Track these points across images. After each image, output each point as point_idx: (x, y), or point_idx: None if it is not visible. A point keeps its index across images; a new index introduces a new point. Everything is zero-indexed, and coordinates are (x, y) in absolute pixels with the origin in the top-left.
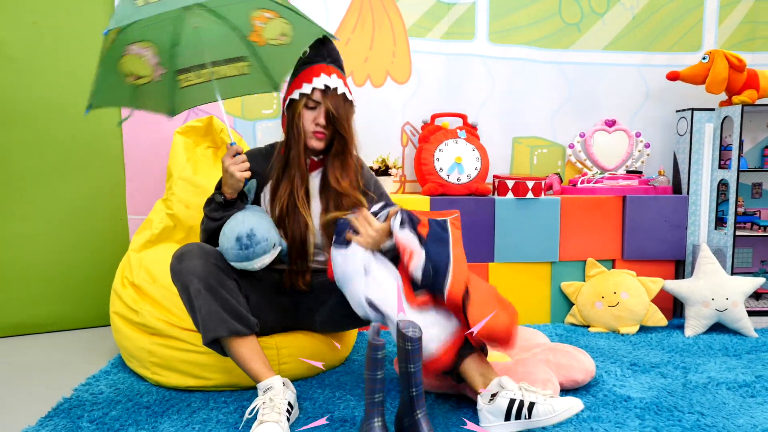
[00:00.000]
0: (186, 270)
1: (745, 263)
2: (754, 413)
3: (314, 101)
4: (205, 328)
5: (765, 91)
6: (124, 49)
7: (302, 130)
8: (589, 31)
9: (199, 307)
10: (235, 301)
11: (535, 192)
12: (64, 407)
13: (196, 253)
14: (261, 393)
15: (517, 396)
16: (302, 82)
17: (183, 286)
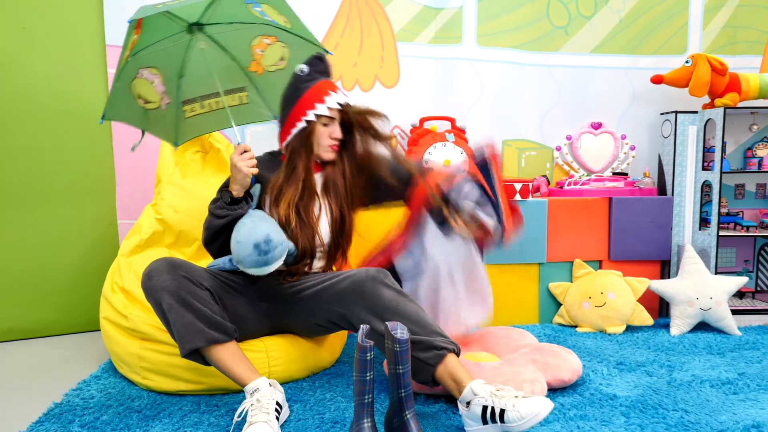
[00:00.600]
0: (156, 286)
1: (728, 263)
2: (736, 410)
3: (329, 118)
4: (182, 340)
5: (746, 94)
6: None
7: (317, 145)
8: (577, 34)
9: (173, 320)
10: (209, 310)
11: (522, 194)
12: (55, 412)
13: (164, 268)
14: (248, 395)
15: (488, 403)
16: (313, 102)
17: (155, 302)
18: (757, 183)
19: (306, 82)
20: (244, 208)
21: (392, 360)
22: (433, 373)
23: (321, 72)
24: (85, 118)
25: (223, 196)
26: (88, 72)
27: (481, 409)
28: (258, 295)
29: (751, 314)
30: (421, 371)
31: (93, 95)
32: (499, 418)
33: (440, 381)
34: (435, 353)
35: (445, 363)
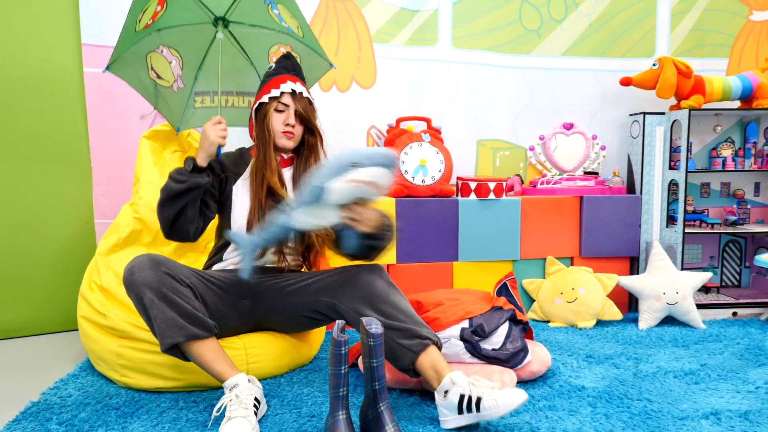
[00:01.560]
0: (138, 281)
1: (695, 259)
2: (697, 398)
3: (283, 104)
4: (162, 335)
5: (710, 96)
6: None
7: (272, 130)
8: (549, 37)
9: (154, 316)
10: (191, 306)
11: (496, 193)
12: (32, 411)
13: (147, 264)
14: (227, 391)
15: (466, 392)
16: (270, 88)
17: (137, 297)
18: (721, 182)
19: (269, 75)
20: (203, 180)
21: (367, 354)
22: (415, 360)
23: (286, 68)
24: (61, 118)
25: (185, 163)
26: (64, 71)
27: (459, 398)
28: (241, 294)
29: (715, 308)
30: (403, 357)
31: (69, 95)
32: (475, 406)
33: (420, 370)
34: (419, 341)
35: (427, 352)
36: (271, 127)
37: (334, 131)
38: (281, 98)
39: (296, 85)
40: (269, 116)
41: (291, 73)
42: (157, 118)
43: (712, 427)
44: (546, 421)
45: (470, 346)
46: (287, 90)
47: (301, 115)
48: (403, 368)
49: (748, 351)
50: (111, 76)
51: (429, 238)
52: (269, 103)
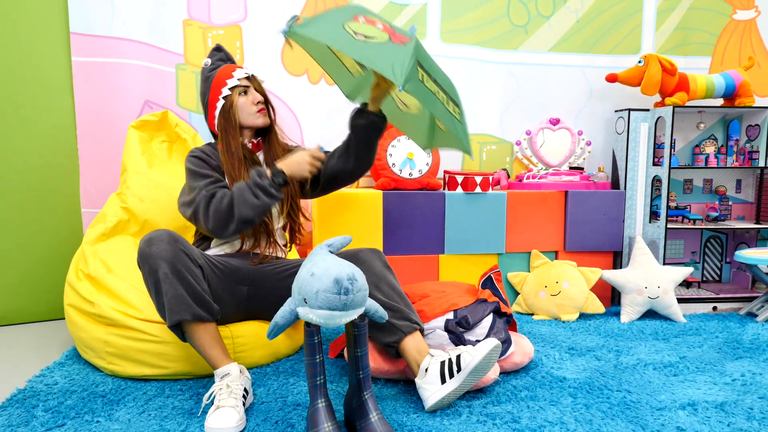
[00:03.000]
0: (155, 254)
1: (677, 254)
2: (675, 390)
3: (243, 86)
4: (171, 310)
5: (694, 93)
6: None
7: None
8: (536, 33)
9: (165, 290)
10: (200, 288)
11: (483, 187)
12: (18, 398)
13: (165, 238)
14: (218, 379)
15: (444, 357)
16: (225, 79)
17: (151, 269)
18: (704, 178)
19: (212, 71)
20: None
21: (351, 343)
22: (402, 340)
23: (223, 60)
24: (48, 107)
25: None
26: (52, 60)
27: (439, 365)
28: (239, 280)
29: (696, 303)
30: (392, 335)
31: (56, 83)
32: (456, 366)
33: (404, 350)
34: (408, 324)
35: (414, 335)
36: (239, 114)
37: (323, 123)
38: (240, 82)
39: (238, 72)
40: (235, 103)
41: (228, 62)
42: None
43: (689, 417)
44: (527, 411)
45: (454, 336)
46: (242, 75)
47: (262, 92)
48: (388, 344)
49: (727, 344)
50: (99, 64)
51: (415, 230)
52: (232, 92)
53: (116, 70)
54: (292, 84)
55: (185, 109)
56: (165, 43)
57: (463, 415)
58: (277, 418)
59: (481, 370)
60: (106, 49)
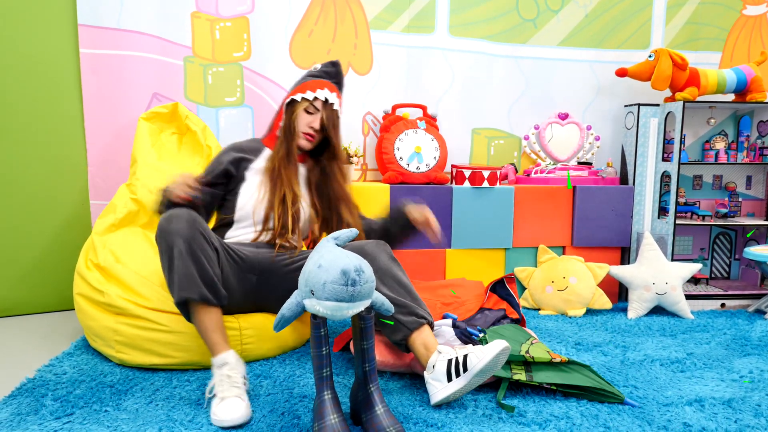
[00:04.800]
0: (173, 230)
1: (685, 250)
2: (682, 386)
3: (314, 107)
4: (180, 287)
5: (705, 88)
6: None
7: (296, 128)
8: (545, 27)
9: (177, 267)
10: (212, 271)
11: (490, 181)
12: (28, 387)
13: (185, 217)
14: (217, 369)
15: (452, 355)
16: (307, 89)
17: (167, 245)
18: (713, 174)
19: (311, 76)
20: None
21: (358, 336)
22: (409, 336)
23: (329, 74)
24: (56, 99)
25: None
26: (60, 52)
27: (446, 363)
28: (249, 269)
29: (704, 299)
30: (398, 332)
31: (64, 76)
32: (462, 366)
33: (412, 346)
34: (415, 319)
35: (420, 330)
36: (296, 125)
37: None
38: (314, 102)
39: (332, 95)
40: (297, 114)
41: (333, 80)
42: None
43: (695, 413)
44: (533, 405)
45: (459, 332)
46: (321, 97)
47: (326, 124)
48: (396, 342)
49: (735, 341)
50: (107, 56)
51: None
52: (301, 102)
53: (124, 63)
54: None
55: (193, 101)
56: (173, 35)
57: (469, 409)
58: (283, 409)
59: (487, 372)
60: (114, 41)
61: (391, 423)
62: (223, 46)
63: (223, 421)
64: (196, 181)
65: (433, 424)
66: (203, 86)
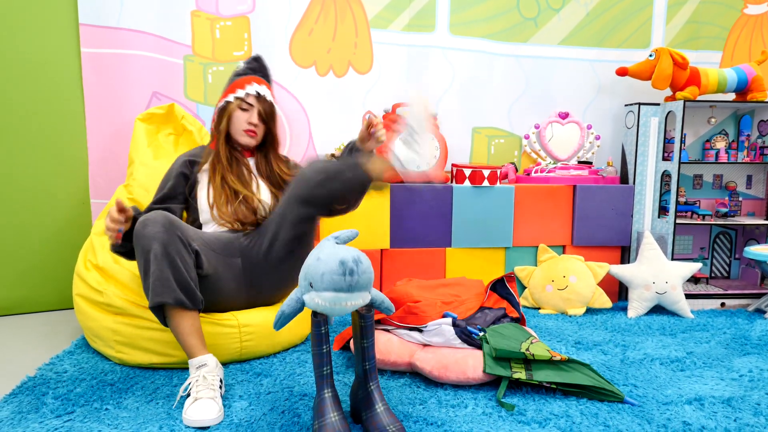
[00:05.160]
0: (149, 234)
1: (685, 250)
2: (681, 385)
3: (248, 104)
4: (154, 291)
5: (705, 88)
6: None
7: (236, 128)
8: (546, 26)
9: (153, 271)
10: (188, 275)
11: (491, 180)
12: (28, 385)
13: (160, 221)
14: (194, 370)
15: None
16: (236, 88)
17: (143, 249)
18: (714, 174)
19: (237, 75)
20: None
21: (358, 334)
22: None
23: (253, 70)
24: (57, 98)
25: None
26: (61, 51)
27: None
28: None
29: (704, 299)
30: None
31: (65, 74)
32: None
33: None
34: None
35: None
36: (233, 125)
37: (331, 115)
38: (246, 98)
39: (261, 88)
40: (233, 115)
41: (258, 74)
42: None
43: (695, 412)
44: (533, 404)
45: (459, 330)
46: (252, 92)
47: (264, 116)
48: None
49: (734, 340)
50: (107, 55)
51: (423, 224)
52: (234, 102)
53: (125, 62)
54: (300, 75)
55: (193, 100)
56: (173, 34)
57: (469, 407)
58: (283, 407)
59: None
60: (115, 40)
61: (391, 421)
62: (223, 45)
63: (192, 421)
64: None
65: (433, 422)
66: (203, 85)
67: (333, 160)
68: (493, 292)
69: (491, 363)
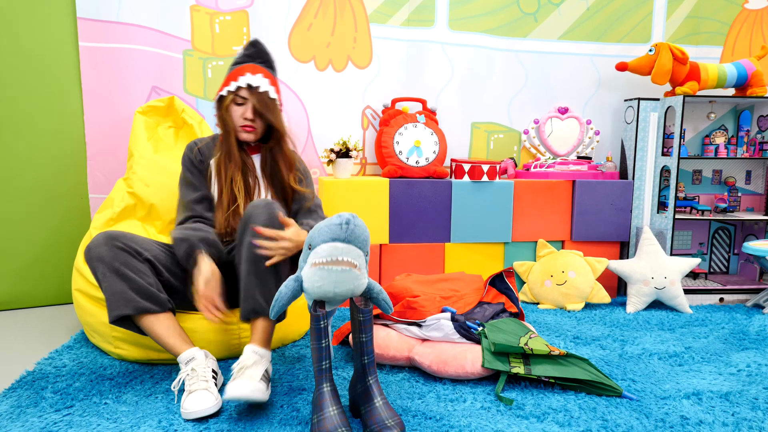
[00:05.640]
0: (93, 257)
1: (684, 245)
2: (679, 379)
3: (241, 97)
4: (110, 307)
5: (705, 83)
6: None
7: (232, 124)
8: (545, 21)
9: (105, 288)
10: (144, 282)
11: (490, 175)
12: (27, 380)
13: (102, 241)
14: (183, 365)
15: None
16: (230, 81)
17: (93, 272)
18: (713, 169)
19: (235, 64)
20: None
21: (356, 329)
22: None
23: (251, 56)
24: (56, 92)
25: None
26: (59, 45)
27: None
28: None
29: (702, 294)
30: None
31: (63, 69)
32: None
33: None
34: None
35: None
36: (230, 120)
37: (330, 110)
38: (239, 92)
39: (255, 78)
40: (229, 109)
41: (256, 61)
42: None
43: (693, 406)
44: (532, 398)
45: (458, 325)
46: (243, 84)
47: (258, 109)
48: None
49: (733, 335)
50: (106, 49)
51: (422, 218)
52: (227, 96)
53: (123, 56)
54: (299, 70)
55: (192, 95)
56: (172, 28)
57: (467, 401)
58: (282, 402)
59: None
60: (114, 35)
61: (389, 415)
62: (222, 40)
63: (190, 413)
64: (214, 293)
65: (432, 416)
66: (203, 80)
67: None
68: (492, 287)
69: (490, 357)
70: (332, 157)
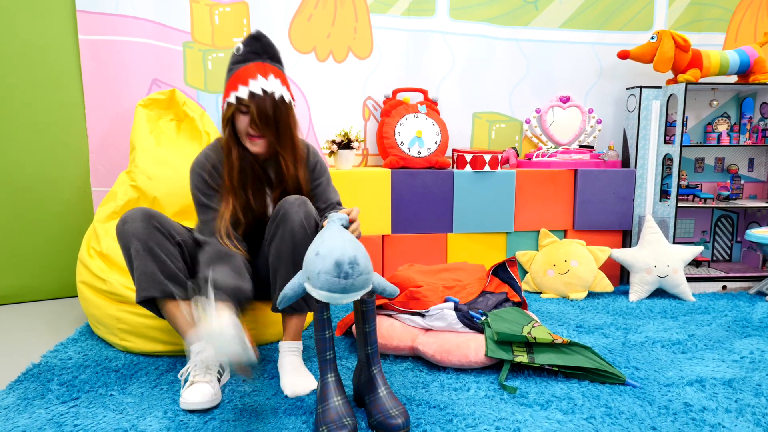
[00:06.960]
0: (128, 232)
1: (687, 233)
2: (683, 367)
3: (245, 106)
4: (140, 286)
5: (707, 70)
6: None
7: (240, 133)
8: (547, 9)
9: (137, 266)
10: (174, 266)
11: (492, 165)
12: (33, 372)
13: (139, 216)
14: (193, 355)
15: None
16: (237, 84)
17: (125, 246)
18: (716, 157)
19: (236, 63)
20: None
21: (360, 319)
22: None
23: (256, 53)
24: (56, 86)
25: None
26: (59, 38)
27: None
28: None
29: (705, 282)
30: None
31: (63, 61)
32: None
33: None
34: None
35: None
36: (238, 129)
37: (330, 101)
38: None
39: (256, 83)
40: (236, 118)
41: (263, 58)
42: None
43: (696, 393)
44: (535, 386)
45: (461, 314)
46: (244, 95)
47: (257, 119)
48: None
49: (736, 323)
50: (106, 42)
51: (424, 209)
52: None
53: (123, 48)
54: (300, 61)
55: (193, 87)
56: (172, 20)
57: (471, 390)
58: None
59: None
60: (113, 27)
61: (394, 405)
62: (222, 32)
63: (186, 403)
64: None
65: (436, 405)
66: (203, 72)
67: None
68: (494, 277)
69: (493, 346)
70: (334, 148)
